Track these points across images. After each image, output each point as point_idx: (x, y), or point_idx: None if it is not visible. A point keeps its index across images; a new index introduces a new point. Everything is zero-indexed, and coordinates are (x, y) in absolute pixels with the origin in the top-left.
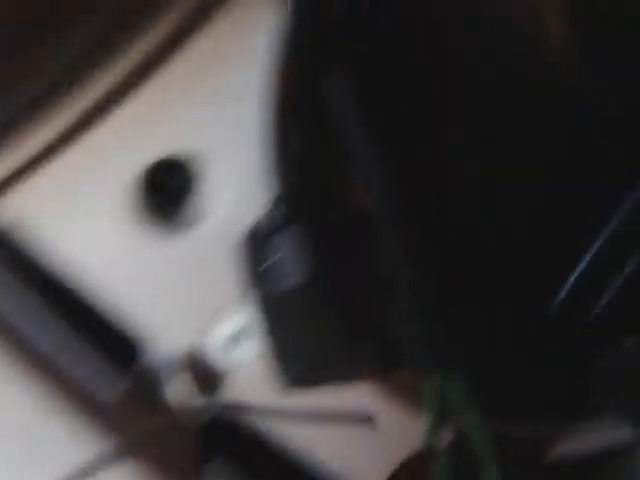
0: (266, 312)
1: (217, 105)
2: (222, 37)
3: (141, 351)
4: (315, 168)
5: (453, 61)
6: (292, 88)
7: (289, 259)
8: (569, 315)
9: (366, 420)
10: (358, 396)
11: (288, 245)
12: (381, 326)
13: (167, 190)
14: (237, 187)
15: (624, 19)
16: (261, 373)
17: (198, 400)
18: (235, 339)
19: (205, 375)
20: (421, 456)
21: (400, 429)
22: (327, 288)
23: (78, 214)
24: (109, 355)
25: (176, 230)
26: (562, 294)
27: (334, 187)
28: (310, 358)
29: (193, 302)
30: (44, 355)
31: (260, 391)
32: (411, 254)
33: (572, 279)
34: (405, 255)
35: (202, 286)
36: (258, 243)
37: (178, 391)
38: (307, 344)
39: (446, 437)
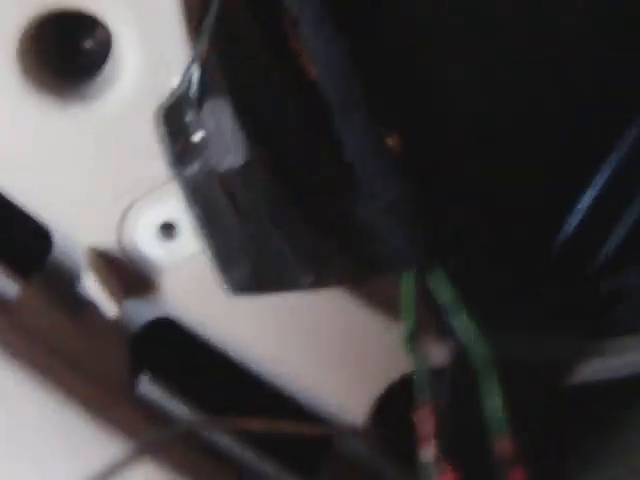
0: (195, 202)
1: None
2: None
3: (51, 245)
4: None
5: None
6: None
7: (218, 136)
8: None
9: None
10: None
11: (216, 119)
12: (346, 219)
13: (76, 52)
14: (149, 48)
15: None
16: (201, 272)
17: (125, 304)
18: (167, 230)
19: (131, 274)
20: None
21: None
22: (271, 171)
23: None
24: (15, 248)
25: (81, 100)
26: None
27: (277, 45)
28: (256, 259)
29: (110, 185)
30: None
31: (201, 295)
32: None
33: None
34: (370, 138)
35: (120, 165)
36: (177, 117)
37: (98, 292)
38: (251, 241)
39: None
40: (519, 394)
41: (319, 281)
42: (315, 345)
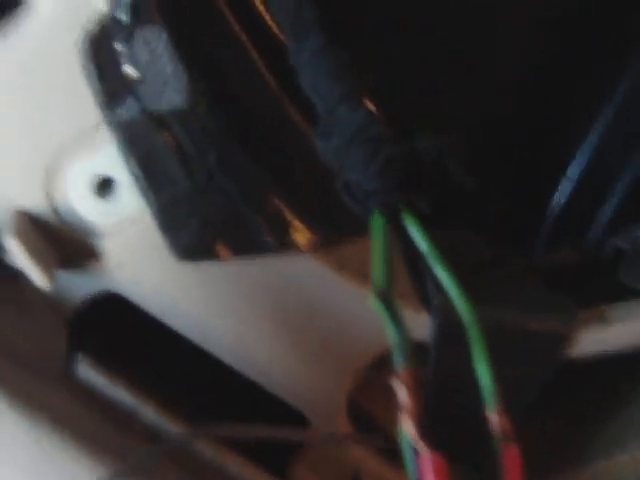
0: (131, 151)
1: None
2: None
3: None
4: None
5: None
6: None
7: (154, 70)
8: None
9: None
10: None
11: (151, 49)
12: (307, 161)
13: None
14: None
15: None
16: (145, 235)
17: (62, 276)
18: (104, 186)
19: (65, 241)
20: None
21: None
22: (219, 111)
23: None
24: None
25: None
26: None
27: None
28: (207, 217)
29: (31, 135)
30: None
31: (145, 263)
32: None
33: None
34: (326, 63)
35: (42, 110)
36: (105, 48)
37: (26, 262)
38: (200, 196)
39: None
40: (512, 367)
41: (283, 242)
42: (280, 320)
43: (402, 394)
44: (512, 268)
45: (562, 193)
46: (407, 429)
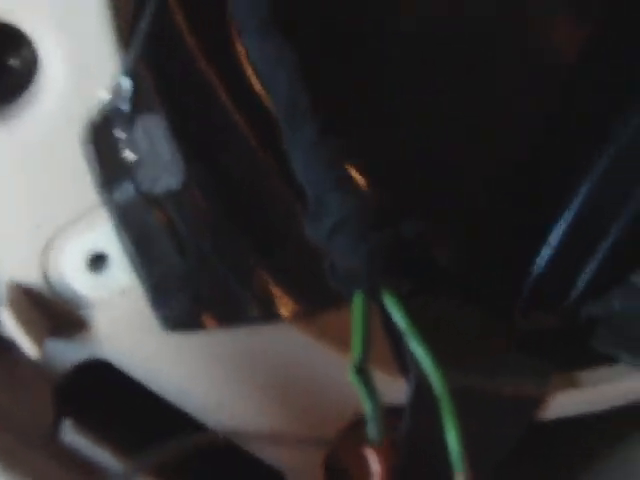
0: (126, 229)
1: None
2: None
3: None
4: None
5: None
6: None
7: (152, 155)
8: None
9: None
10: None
11: (150, 137)
12: (296, 243)
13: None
14: (76, 60)
15: None
16: (135, 308)
17: (51, 344)
18: (97, 262)
19: (57, 311)
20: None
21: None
22: (212, 195)
23: None
24: None
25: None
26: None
27: (219, 57)
28: (196, 292)
29: (31, 212)
30: None
31: (134, 333)
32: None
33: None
34: (319, 153)
35: (43, 190)
36: (106, 134)
37: (17, 331)
38: (190, 272)
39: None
40: (484, 430)
41: (268, 315)
42: (262, 387)
43: (374, 463)
44: (495, 337)
45: (542, 259)
46: None
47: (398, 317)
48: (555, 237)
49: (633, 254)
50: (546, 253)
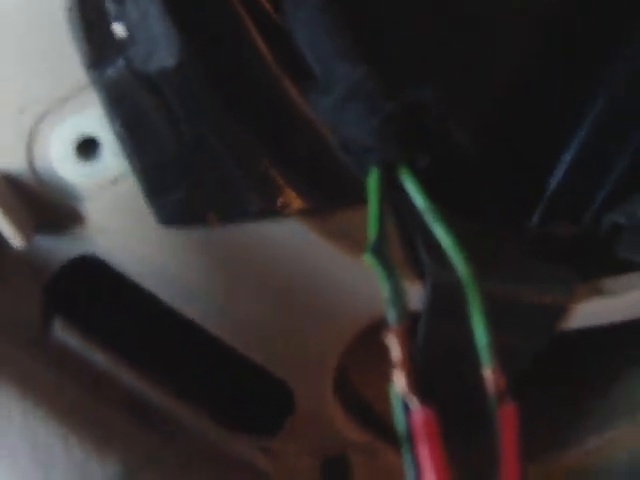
0: (118, 111)
1: None
2: None
3: None
4: None
5: None
6: None
7: (144, 29)
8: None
9: None
10: None
11: (142, 8)
12: (300, 120)
13: None
14: None
15: None
16: (129, 198)
17: (40, 238)
18: (86, 148)
19: (45, 202)
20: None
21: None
22: (210, 73)
23: None
24: None
25: None
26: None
27: None
28: (193, 181)
29: (13, 94)
30: None
31: (128, 227)
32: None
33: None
34: (322, 16)
35: (26, 68)
36: (94, 4)
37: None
38: (187, 159)
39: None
40: (508, 338)
41: (273, 209)
42: (267, 286)
43: (395, 349)
44: (506, 240)
45: (557, 175)
46: (399, 383)
47: (416, 194)
48: (567, 157)
49: None
50: (560, 170)
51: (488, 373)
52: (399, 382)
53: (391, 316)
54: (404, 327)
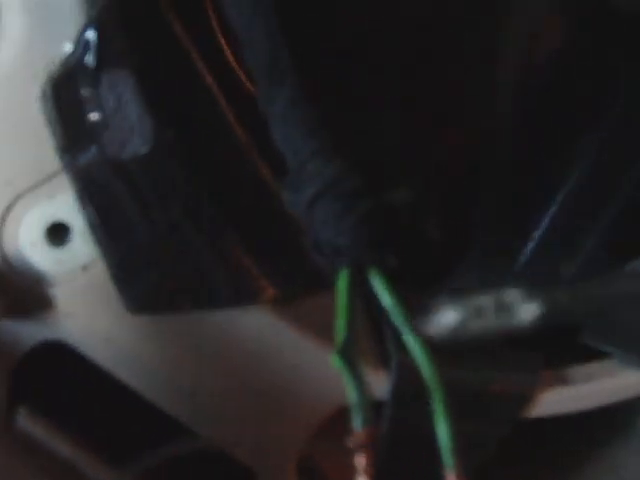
0: (90, 198)
1: None
2: None
3: None
4: None
5: None
6: None
7: (119, 116)
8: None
9: None
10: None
11: (117, 95)
12: (273, 215)
13: None
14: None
15: None
16: (98, 286)
17: (6, 324)
18: (57, 233)
19: (13, 288)
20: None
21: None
22: (183, 160)
23: None
24: None
25: None
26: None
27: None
28: (164, 269)
29: None
30: None
31: (97, 314)
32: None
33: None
34: (299, 114)
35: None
36: (70, 92)
37: None
38: (158, 247)
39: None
40: (469, 426)
41: (244, 298)
42: (233, 372)
43: (359, 454)
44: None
45: (527, 251)
46: None
47: (384, 295)
48: (539, 232)
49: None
50: (530, 247)
51: (450, 475)
52: None
53: (356, 421)
54: (369, 433)
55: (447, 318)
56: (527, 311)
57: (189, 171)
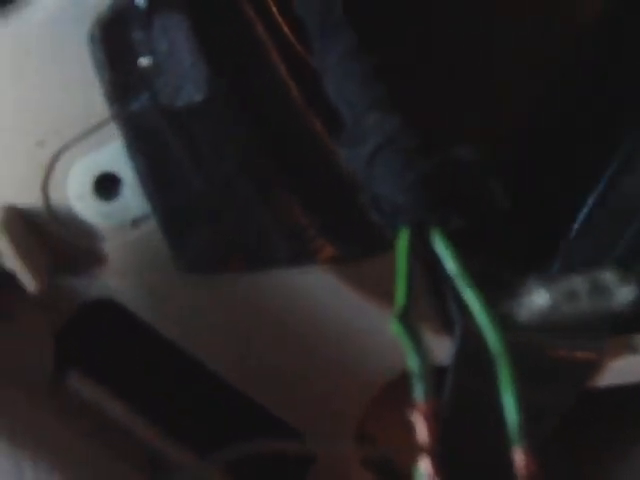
0: (141, 148)
1: None
2: None
3: None
4: None
5: None
6: None
7: (172, 62)
8: None
9: None
10: None
11: (170, 40)
12: (332, 171)
13: None
14: None
15: None
16: (149, 241)
17: (55, 279)
18: (106, 185)
19: (61, 242)
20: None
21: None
22: (240, 111)
23: None
24: None
25: None
26: None
27: None
28: (219, 225)
29: (32, 125)
30: None
31: (149, 271)
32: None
33: None
34: (355, 66)
35: (45, 99)
36: (119, 35)
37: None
38: (213, 201)
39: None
40: (536, 395)
41: (299, 257)
42: (290, 337)
43: (421, 428)
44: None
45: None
46: (424, 467)
47: (448, 258)
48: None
49: None
50: (580, 219)
51: (518, 454)
52: (424, 465)
53: (418, 392)
54: (431, 405)
55: (539, 301)
56: (624, 294)
57: (244, 123)
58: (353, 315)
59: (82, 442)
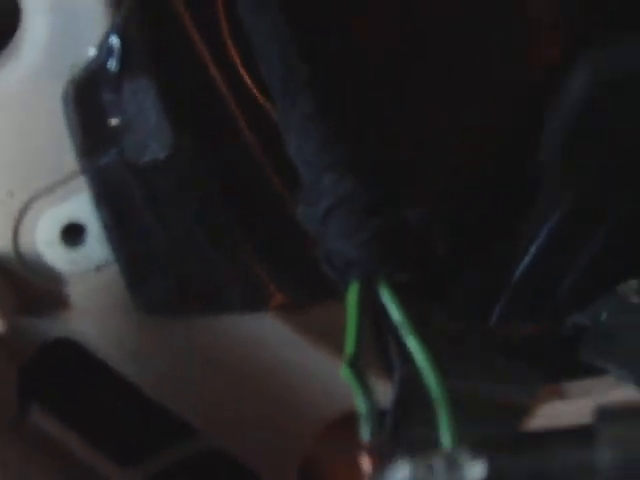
0: (106, 199)
1: None
2: None
3: None
4: None
5: None
6: None
7: (140, 121)
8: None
9: None
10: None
11: (139, 101)
12: (287, 225)
13: None
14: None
15: None
16: (111, 286)
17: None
18: (72, 233)
19: (27, 286)
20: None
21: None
22: (200, 166)
23: None
24: None
25: None
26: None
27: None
28: (177, 272)
29: (4, 176)
30: None
31: (110, 314)
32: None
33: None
34: (316, 128)
35: (19, 153)
36: (91, 96)
37: None
38: (172, 250)
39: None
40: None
41: (251, 303)
42: (241, 378)
43: (366, 465)
44: (474, 340)
45: (522, 266)
46: None
47: (393, 309)
48: (535, 246)
49: (616, 264)
50: (526, 261)
51: None
52: None
53: (365, 432)
54: (377, 443)
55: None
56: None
57: (204, 178)
58: (301, 358)
59: (45, 476)
